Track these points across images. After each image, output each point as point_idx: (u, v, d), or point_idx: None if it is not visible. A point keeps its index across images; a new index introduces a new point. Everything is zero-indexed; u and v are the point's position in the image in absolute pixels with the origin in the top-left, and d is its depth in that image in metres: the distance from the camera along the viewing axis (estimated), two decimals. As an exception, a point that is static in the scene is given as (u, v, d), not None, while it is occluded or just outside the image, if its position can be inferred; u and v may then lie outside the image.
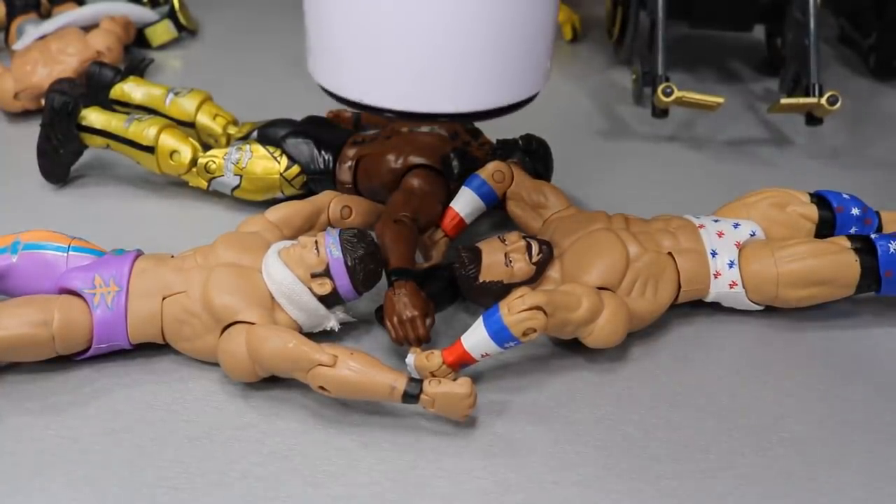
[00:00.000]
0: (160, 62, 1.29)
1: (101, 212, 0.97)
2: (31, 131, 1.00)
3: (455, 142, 0.92)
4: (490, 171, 0.88)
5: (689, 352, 0.80)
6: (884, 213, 0.88)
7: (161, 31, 1.33)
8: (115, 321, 0.74)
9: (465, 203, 0.88)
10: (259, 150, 0.95)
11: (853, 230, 0.85)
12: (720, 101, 1.06)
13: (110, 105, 1.03)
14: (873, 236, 0.81)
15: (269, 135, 0.97)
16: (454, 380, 0.69)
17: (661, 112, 1.09)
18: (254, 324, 0.73)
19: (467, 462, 0.69)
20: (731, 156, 1.11)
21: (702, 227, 0.83)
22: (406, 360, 0.74)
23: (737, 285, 0.81)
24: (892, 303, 0.85)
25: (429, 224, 0.86)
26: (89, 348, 0.75)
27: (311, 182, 0.95)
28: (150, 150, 0.95)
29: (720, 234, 0.82)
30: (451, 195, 0.89)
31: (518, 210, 0.88)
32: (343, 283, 0.76)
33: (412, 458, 0.69)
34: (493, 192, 0.88)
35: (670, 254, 0.80)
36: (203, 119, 1.02)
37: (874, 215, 0.86)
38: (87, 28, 1.23)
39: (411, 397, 0.69)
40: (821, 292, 0.80)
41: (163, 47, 1.33)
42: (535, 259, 0.78)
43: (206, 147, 1.00)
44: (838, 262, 0.79)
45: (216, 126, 1.02)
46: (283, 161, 0.94)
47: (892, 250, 0.80)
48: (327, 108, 1.06)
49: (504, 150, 0.95)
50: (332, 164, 0.94)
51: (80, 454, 0.69)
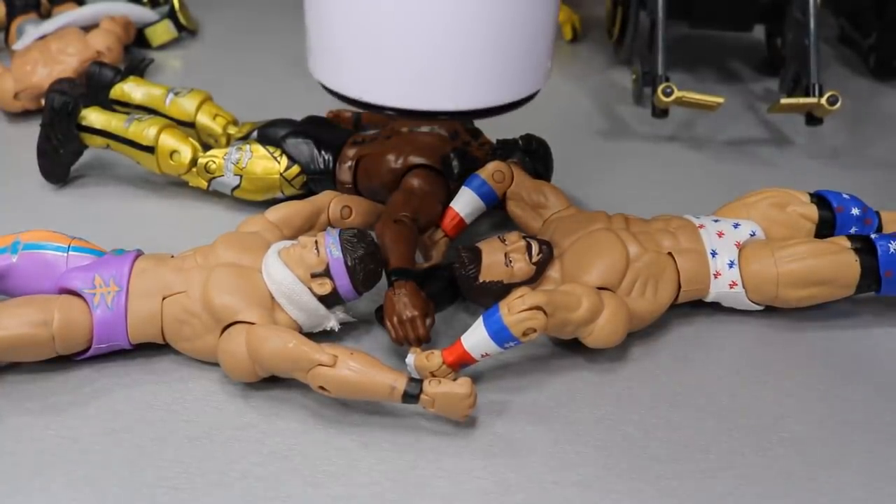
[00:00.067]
0: (160, 62, 1.29)
1: (101, 212, 0.97)
2: (31, 131, 1.00)
3: (455, 142, 0.92)
4: (490, 171, 0.88)
5: (689, 352, 0.80)
6: (884, 213, 0.88)
7: (161, 31, 1.33)
8: (115, 321, 0.74)
9: (465, 203, 0.88)
10: (259, 150, 0.95)
11: (853, 230, 0.85)
12: (720, 101, 1.06)
13: (110, 105, 1.03)
14: (873, 236, 0.81)
15: (269, 135, 0.97)
16: (454, 380, 0.69)
17: (661, 112, 1.09)
18: (254, 324, 0.73)
19: (467, 462, 0.69)
20: (731, 156, 1.11)
21: (702, 227, 0.83)
22: (406, 360, 0.74)
23: (737, 285, 0.81)
24: (892, 303, 0.85)
25: (429, 224, 0.86)
26: (89, 348, 0.75)
27: (311, 182, 0.95)
28: (150, 150, 0.95)
29: (720, 234, 0.82)
30: (451, 195, 0.89)
31: (518, 210, 0.88)
32: (343, 283, 0.76)
33: (412, 458, 0.69)
34: (493, 192, 0.88)
35: (670, 254, 0.80)
36: (203, 119, 1.02)
37: (874, 215, 0.86)
38: (87, 28, 1.23)
39: (411, 397, 0.69)
40: (821, 292, 0.80)
41: (163, 47, 1.33)
42: (535, 259, 0.78)
43: (206, 147, 1.00)
44: (838, 262, 0.79)
45: (216, 126, 1.02)
46: (283, 161, 0.94)
47: (892, 250, 0.80)
48: (327, 108, 1.06)
49: (504, 150, 0.95)
50: (332, 164, 0.94)
51: (80, 454, 0.69)
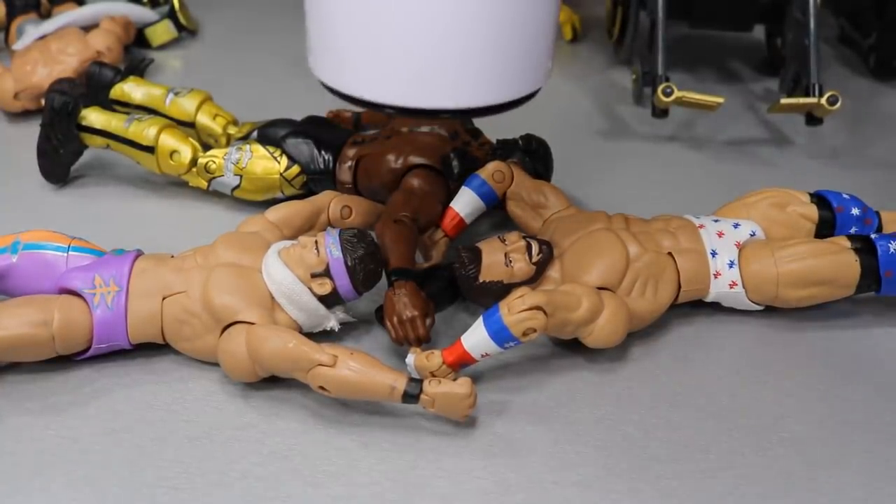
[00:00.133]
0: (160, 62, 1.29)
1: (101, 212, 0.97)
2: (31, 131, 1.00)
3: (455, 142, 0.92)
4: (490, 171, 0.88)
5: (689, 352, 0.80)
6: (884, 213, 0.88)
7: (161, 31, 1.33)
8: (115, 321, 0.74)
9: (465, 203, 0.88)
10: (259, 150, 0.95)
11: (853, 230, 0.85)
12: (720, 101, 1.06)
13: (110, 105, 1.03)
14: (873, 236, 0.81)
15: (269, 135, 0.97)
16: (454, 380, 0.69)
17: (661, 112, 1.09)
18: (254, 324, 0.73)
19: (467, 462, 0.69)
20: (731, 156, 1.11)
21: (702, 227, 0.83)
22: (406, 360, 0.74)
23: (737, 285, 0.81)
24: (892, 303, 0.85)
25: (429, 224, 0.86)
26: (89, 348, 0.75)
27: (311, 182, 0.95)
28: (150, 150, 0.95)
29: (720, 234, 0.82)
30: (451, 195, 0.89)
31: (518, 210, 0.88)
32: (343, 283, 0.76)
33: (412, 458, 0.69)
34: (493, 192, 0.88)
35: (670, 254, 0.80)
36: (203, 119, 1.02)
37: (874, 215, 0.86)
38: (87, 28, 1.23)
39: (411, 397, 0.69)
40: (821, 292, 0.80)
41: (163, 47, 1.33)
42: (535, 259, 0.78)
43: (206, 147, 1.00)
44: (838, 262, 0.79)
45: (216, 126, 1.02)
46: (283, 161, 0.94)
47: (892, 250, 0.80)
48: (327, 108, 1.06)
49: (504, 150, 0.95)
50: (332, 164, 0.94)
51: (80, 454, 0.69)
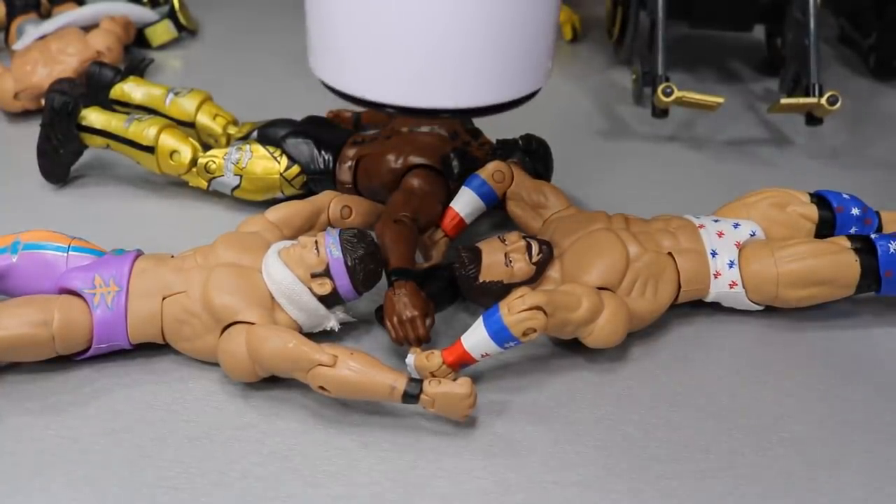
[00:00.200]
0: (160, 62, 1.29)
1: (101, 212, 0.97)
2: (31, 131, 1.00)
3: (455, 142, 0.92)
4: (490, 171, 0.88)
5: (689, 352, 0.80)
6: (884, 213, 0.88)
7: (161, 31, 1.33)
8: (115, 321, 0.74)
9: (465, 203, 0.88)
10: (259, 150, 0.95)
11: (853, 230, 0.85)
12: (720, 101, 1.06)
13: (110, 105, 1.03)
14: (873, 236, 0.81)
15: (269, 135, 0.97)
16: (454, 380, 0.69)
17: (661, 112, 1.09)
18: (254, 324, 0.73)
19: (467, 462, 0.69)
20: (731, 156, 1.11)
21: (702, 227, 0.83)
22: (406, 360, 0.74)
23: (737, 285, 0.81)
24: (892, 303, 0.85)
25: (429, 224, 0.86)
26: (89, 348, 0.75)
27: (311, 182, 0.95)
28: (150, 150, 0.95)
29: (720, 234, 0.82)
30: (451, 195, 0.89)
31: (518, 210, 0.88)
32: (343, 283, 0.76)
33: (412, 458, 0.69)
34: (493, 192, 0.88)
35: (670, 254, 0.80)
36: (203, 119, 1.02)
37: (874, 215, 0.86)
38: (87, 28, 1.23)
39: (411, 397, 0.69)
40: (821, 292, 0.80)
41: (163, 47, 1.33)
42: (535, 259, 0.78)
43: (206, 147, 1.00)
44: (838, 262, 0.79)
45: (216, 126, 1.02)
46: (283, 161, 0.94)
47: (892, 250, 0.80)
48: (327, 108, 1.06)
49: (504, 150, 0.95)
50: (332, 164, 0.94)
51: (80, 454, 0.69)
